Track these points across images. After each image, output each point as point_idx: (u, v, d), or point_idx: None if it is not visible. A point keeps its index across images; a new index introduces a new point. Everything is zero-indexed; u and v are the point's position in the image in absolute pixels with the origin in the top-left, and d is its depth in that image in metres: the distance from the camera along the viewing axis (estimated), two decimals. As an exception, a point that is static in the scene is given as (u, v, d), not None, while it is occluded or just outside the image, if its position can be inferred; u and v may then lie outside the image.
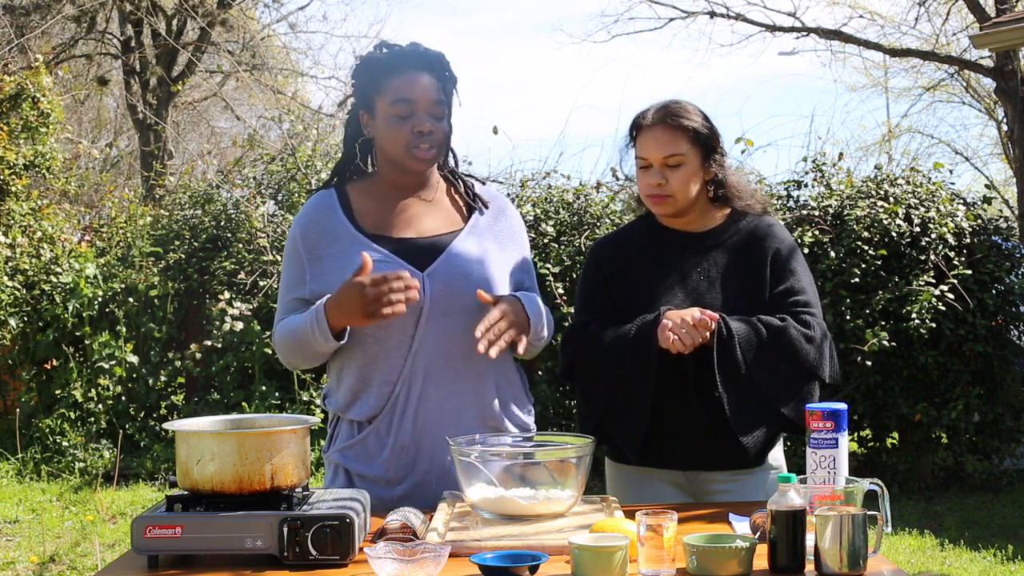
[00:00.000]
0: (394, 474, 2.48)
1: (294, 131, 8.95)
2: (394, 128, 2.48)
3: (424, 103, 2.47)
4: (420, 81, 2.47)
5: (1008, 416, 6.97)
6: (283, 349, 2.54)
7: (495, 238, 2.58)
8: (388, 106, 2.48)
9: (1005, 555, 5.48)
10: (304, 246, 2.52)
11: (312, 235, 2.52)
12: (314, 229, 2.52)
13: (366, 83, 2.53)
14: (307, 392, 7.54)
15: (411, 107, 2.47)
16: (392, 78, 2.48)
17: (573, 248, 7.18)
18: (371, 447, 2.49)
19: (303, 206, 2.60)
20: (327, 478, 2.59)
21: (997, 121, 20.17)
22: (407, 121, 2.47)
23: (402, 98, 2.46)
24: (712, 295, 2.59)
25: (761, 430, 2.52)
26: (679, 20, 16.52)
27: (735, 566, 1.85)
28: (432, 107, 2.48)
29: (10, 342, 8.37)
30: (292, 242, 2.55)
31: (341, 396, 2.52)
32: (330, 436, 2.58)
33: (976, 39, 10.58)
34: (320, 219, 2.53)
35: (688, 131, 2.58)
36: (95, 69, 17.23)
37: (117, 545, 5.86)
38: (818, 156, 7.43)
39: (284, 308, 2.55)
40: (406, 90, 2.47)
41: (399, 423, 2.46)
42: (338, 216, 2.53)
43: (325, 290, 2.45)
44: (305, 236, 2.52)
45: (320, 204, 2.56)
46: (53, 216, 9.00)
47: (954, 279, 6.61)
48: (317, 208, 2.56)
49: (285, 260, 2.59)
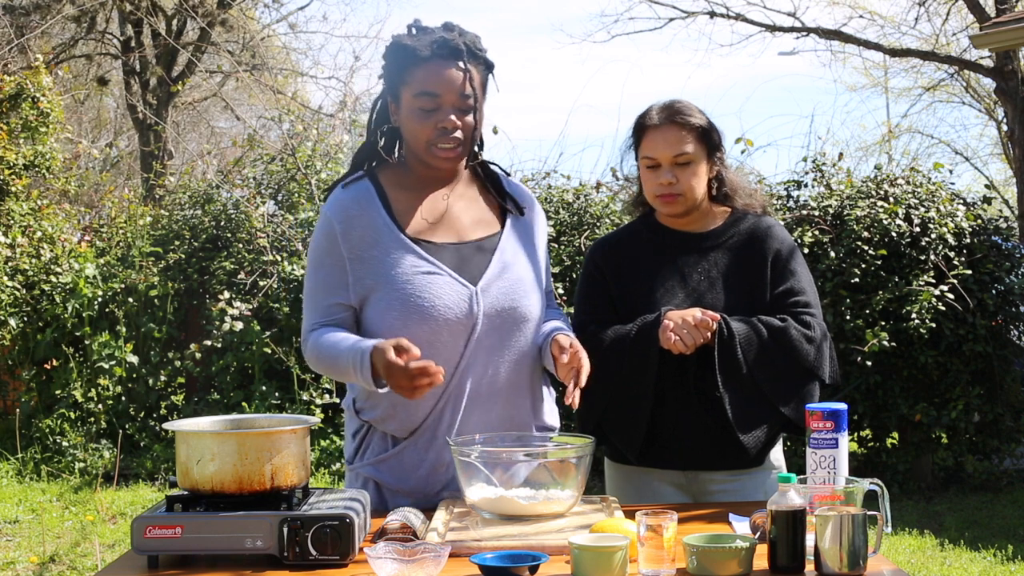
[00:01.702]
0: (430, 488, 2.40)
1: (294, 131, 8.96)
2: (418, 122, 2.35)
3: (450, 97, 2.34)
4: (447, 73, 2.33)
5: (1008, 416, 6.97)
6: (318, 366, 2.41)
7: (528, 237, 2.52)
8: (412, 98, 2.35)
9: (1005, 555, 5.48)
10: (346, 245, 2.36)
11: (355, 234, 2.36)
12: (356, 227, 2.36)
13: (393, 71, 2.39)
14: (307, 392, 7.54)
15: (436, 101, 2.34)
16: (418, 68, 2.34)
17: (573, 248, 7.18)
18: (407, 462, 2.40)
19: (337, 197, 2.42)
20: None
21: (997, 121, 20.17)
22: (431, 115, 2.34)
23: (426, 91, 2.34)
24: (712, 295, 2.59)
25: (761, 430, 2.52)
26: (679, 20, 16.53)
27: (735, 566, 1.85)
28: (458, 100, 2.35)
29: (10, 342, 8.38)
30: (329, 238, 2.38)
31: (380, 408, 2.40)
32: (358, 448, 2.46)
33: (976, 39, 10.58)
34: (361, 215, 2.38)
35: (695, 129, 2.59)
36: (95, 69, 17.23)
37: (117, 545, 5.86)
38: (818, 156, 7.43)
39: (322, 311, 2.39)
40: (431, 83, 2.33)
41: (441, 439, 2.37)
42: (380, 214, 2.38)
43: (368, 293, 2.35)
44: (347, 235, 2.36)
45: (359, 198, 2.40)
46: (53, 216, 9.00)
47: (954, 279, 6.61)
48: (356, 202, 2.39)
49: (319, 256, 2.40)
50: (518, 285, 2.42)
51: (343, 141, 9.28)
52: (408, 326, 2.32)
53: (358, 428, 2.48)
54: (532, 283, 2.46)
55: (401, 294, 2.33)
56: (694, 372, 2.53)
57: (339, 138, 9.19)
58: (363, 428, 2.47)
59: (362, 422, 2.46)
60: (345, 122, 9.98)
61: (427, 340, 2.30)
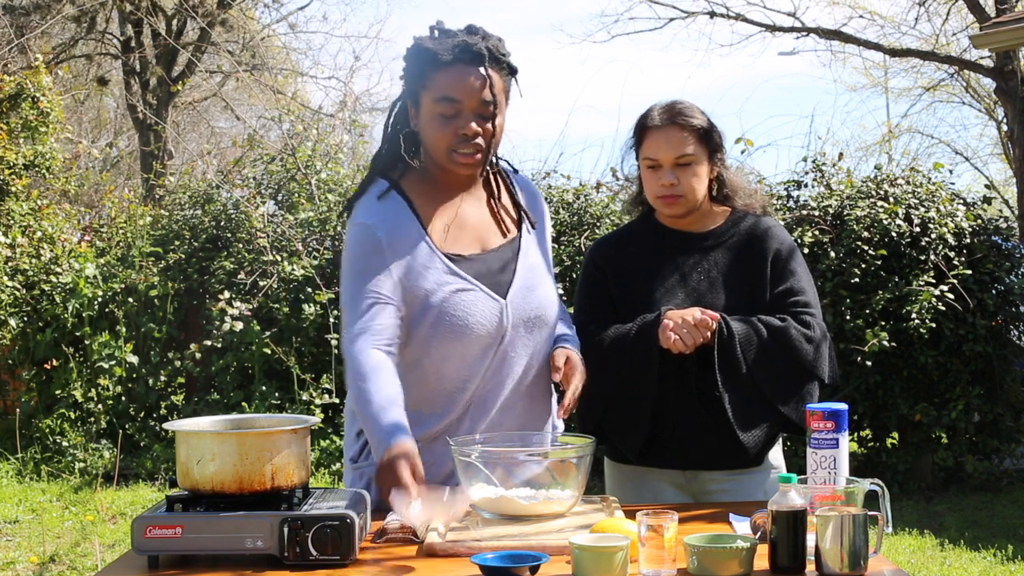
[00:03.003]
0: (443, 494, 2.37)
1: (294, 131, 8.95)
2: (438, 128, 2.33)
3: (471, 103, 2.31)
4: (469, 79, 2.30)
5: (1008, 416, 6.97)
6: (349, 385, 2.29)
7: (539, 240, 2.53)
8: (433, 103, 2.32)
9: (1005, 555, 5.48)
10: (390, 250, 2.31)
11: (396, 244, 2.32)
12: (398, 240, 2.33)
13: (413, 74, 2.36)
14: (307, 392, 7.53)
15: (457, 107, 2.31)
16: (439, 72, 2.30)
17: (573, 248, 7.18)
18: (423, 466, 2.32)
19: (373, 207, 2.37)
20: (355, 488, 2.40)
21: (997, 121, 20.17)
22: (452, 121, 2.31)
23: (447, 96, 2.30)
24: (712, 295, 2.59)
25: (761, 429, 2.52)
26: (679, 20, 16.52)
27: (736, 566, 1.85)
28: (480, 107, 2.31)
29: (10, 342, 8.37)
30: (374, 245, 2.33)
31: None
32: (362, 447, 2.44)
33: (976, 39, 10.59)
34: (399, 226, 2.34)
35: (696, 130, 2.59)
36: (95, 69, 17.22)
37: (117, 545, 5.86)
38: (818, 156, 7.43)
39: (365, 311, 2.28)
40: (452, 88, 2.30)
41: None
42: (415, 228, 2.35)
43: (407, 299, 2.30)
44: (392, 246, 2.32)
45: (393, 207, 2.36)
46: (53, 216, 9.00)
47: (954, 279, 6.61)
48: (394, 213, 2.36)
49: (362, 253, 2.33)
50: (542, 292, 2.45)
51: (343, 141, 9.28)
52: (439, 338, 2.33)
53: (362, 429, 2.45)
54: (551, 286, 2.49)
55: (436, 310, 2.32)
56: (694, 372, 2.53)
57: (339, 138, 9.19)
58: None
59: None
60: (345, 122, 9.97)
61: (458, 354, 2.33)
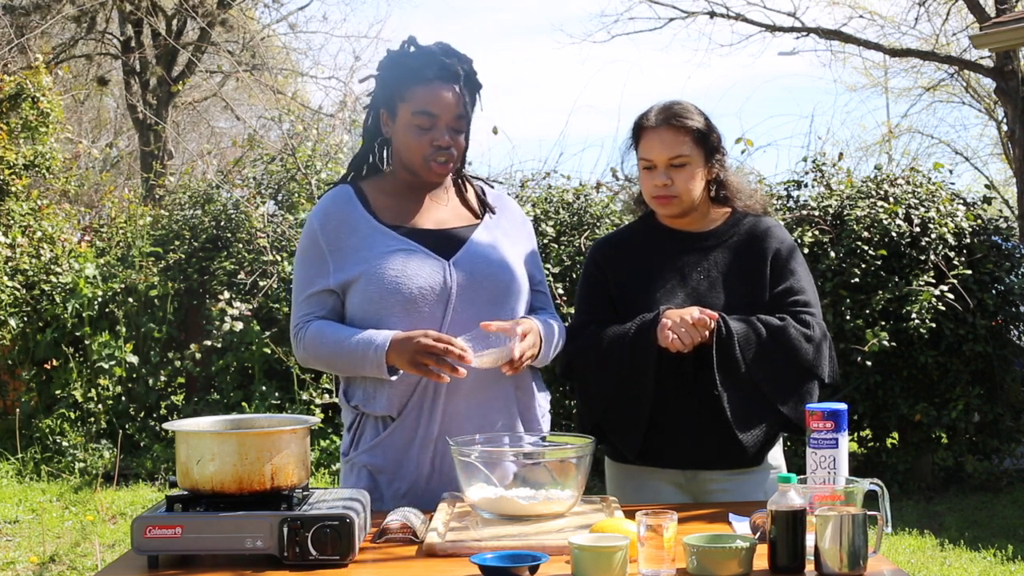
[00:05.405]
0: (422, 468, 2.46)
1: (294, 131, 8.96)
2: (414, 138, 2.49)
3: (446, 118, 2.48)
4: (445, 95, 2.47)
5: (1008, 416, 6.97)
6: (314, 357, 2.51)
7: (505, 232, 2.60)
8: (411, 115, 2.48)
9: (1005, 555, 5.48)
10: (324, 239, 2.50)
11: (331, 227, 2.50)
12: (332, 222, 2.51)
13: (390, 84, 2.52)
14: (307, 392, 7.53)
15: (433, 120, 2.47)
16: (418, 86, 2.47)
17: (573, 248, 7.18)
18: (398, 441, 2.46)
19: (320, 202, 2.59)
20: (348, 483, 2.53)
21: (997, 121, 20.16)
22: (427, 133, 2.48)
23: (425, 110, 2.47)
24: (712, 295, 2.59)
25: (760, 429, 2.52)
26: (679, 20, 16.52)
27: (735, 566, 1.85)
28: (454, 121, 2.49)
29: (10, 342, 8.37)
30: (310, 236, 2.53)
31: (365, 389, 2.49)
32: (352, 439, 2.54)
33: (976, 39, 10.58)
34: (338, 212, 2.52)
35: (692, 132, 2.59)
36: (95, 69, 17.22)
37: (117, 545, 5.86)
38: (818, 156, 7.43)
39: (307, 303, 2.51)
40: (430, 103, 2.47)
41: (429, 416, 2.44)
42: (357, 209, 2.52)
43: (349, 279, 2.45)
44: (324, 229, 2.50)
45: (337, 198, 2.56)
46: (53, 216, 9.00)
47: (954, 279, 6.61)
48: (335, 202, 2.55)
49: (301, 257, 2.56)
50: (494, 259, 2.51)
51: (343, 141, 9.27)
52: (385, 299, 2.42)
53: (352, 421, 2.55)
54: (509, 261, 2.53)
55: (378, 271, 2.43)
56: (693, 372, 2.53)
57: (339, 138, 9.18)
58: (356, 420, 2.53)
59: (355, 413, 2.52)
60: (345, 122, 9.96)
61: (405, 312, 2.42)
